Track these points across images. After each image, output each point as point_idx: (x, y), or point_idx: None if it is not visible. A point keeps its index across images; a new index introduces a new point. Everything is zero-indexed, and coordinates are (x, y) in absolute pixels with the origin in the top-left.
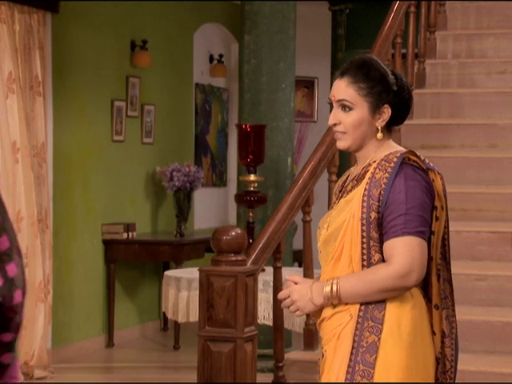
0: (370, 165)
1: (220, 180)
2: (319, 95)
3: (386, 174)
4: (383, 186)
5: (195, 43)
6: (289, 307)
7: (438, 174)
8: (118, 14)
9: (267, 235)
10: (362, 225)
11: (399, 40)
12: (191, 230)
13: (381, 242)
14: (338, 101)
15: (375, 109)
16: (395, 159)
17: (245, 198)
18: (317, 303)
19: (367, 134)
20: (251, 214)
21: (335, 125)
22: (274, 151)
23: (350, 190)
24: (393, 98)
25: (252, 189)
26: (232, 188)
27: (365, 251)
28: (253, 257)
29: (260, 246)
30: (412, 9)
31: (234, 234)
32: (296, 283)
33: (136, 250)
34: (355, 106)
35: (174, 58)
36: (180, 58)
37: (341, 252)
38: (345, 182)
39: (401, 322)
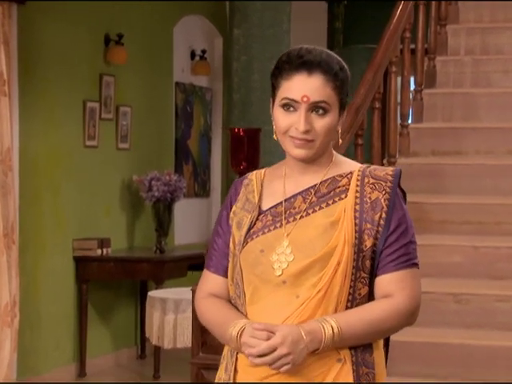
0: (340, 177)
1: (202, 190)
2: None
3: (386, 195)
4: (385, 209)
5: (175, 38)
6: (273, 363)
7: None
8: (91, 4)
9: None
10: (354, 253)
11: (408, 34)
12: (171, 246)
13: (372, 273)
14: (313, 103)
15: (342, 110)
16: (390, 177)
17: None
18: (310, 351)
19: (331, 139)
20: None
21: (307, 131)
22: (267, 158)
23: (314, 207)
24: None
25: None
26: (216, 199)
27: (352, 284)
28: None
29: None
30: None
31: None
32: (272, 332)
33: (111, 268)
34: (331, 109)
35: (153, 54)
36: (159, 54)
37: (328, 286)
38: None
39: (383, 361)
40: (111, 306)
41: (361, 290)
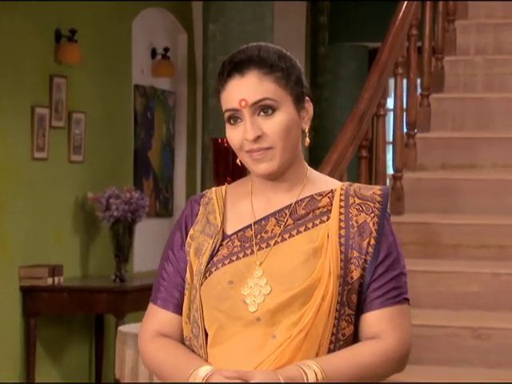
0: (320, 196)
1: (165, 209)
2: None
3: (375, 219)
4: (374, 234)
5: (134, 34)
6: None
7: None
8: None
9: None
10: (339, 285)
11: (414, 31)
12: (130, 274)
13: (358, 310)
14: (254, 104)
15: (299, 103)
16: (378, 197)
17: None
18: None
19: (296, 144)
20: None
21: (259, 138)
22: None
23: (291, 231)
24: (306, 89)
25: None
26: None
27: (335, 322)
28: None
29: None
30: None
31: None
32: (246, 381)
33: (64, 299)
34: (280, 104)
35: (109, 53)
36: (116, 52)
37: (311, 324)
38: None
39: None
40: (63, 343)
41: (345, 330)
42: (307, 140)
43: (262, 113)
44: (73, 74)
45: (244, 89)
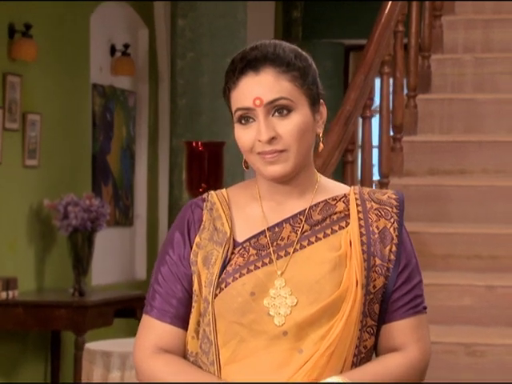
0: (334, 201)
1: (125, 217)
2: None
3: (395, 224)
4: (395, 241)
5: (92, 29)
6: None
7: None
8: None
9: None
10: (363, 295)
11: (401, 28)
12: (89, 287)
13: (379, 319)
14: (269, 103)
15: (314, 106)
16: (394, 202)
17: None
18: None
19: (310, 148)
20: None
21: (273, 139)
22: (228, 179)
23: (309, 238)
24: (321, 91)
25: None
26: (140, 228)
27: (358, 334)
28: None
29: None
30: None
31: None
32: None
33: (19, 315)
34: (296, 105)
35: (66, 49)
36: (73, 48)
37: (340, 338)
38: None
39: None
40: (16, 362)
41: (367, 342)
42: (321, 145)
43: (276, 113)
44: (27, 72)
45: (259, 87)
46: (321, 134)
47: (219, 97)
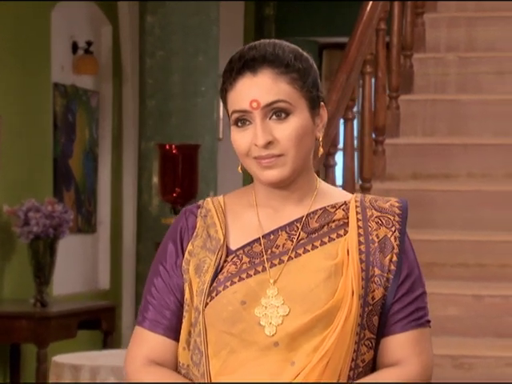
0: (333, 209)
1: (87, 224)
2: None
3: (396, 233)
4: (396, 251)
5: (54, 25)
6: None
7: None
8: None
9: None
10: (360, 306)
11: (383, 26)
12: (50, 297)
13: (378, 333)
14: (267, 106)
15: (314, 109)
16: (397, 210)
17: None
18: None
19: (309, 152)
20: None
21: (270, 143)
22: (202, 185)
23: (305, 246)
24: (322, 93)
25: None
26: (104, 235)
27: (355, 347)
28: None
29: None
30: None
31: None
32: None
33: None
34: (295, 108)
35: (26, 47)
36: (33, 46)
37: (334, 349)
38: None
39: None
40: None
41: (365, 356)
42: (321, 149)
43: (274, 116)
44: None
45: (256, 89)
46: (320, 138)
47: (190, 97)
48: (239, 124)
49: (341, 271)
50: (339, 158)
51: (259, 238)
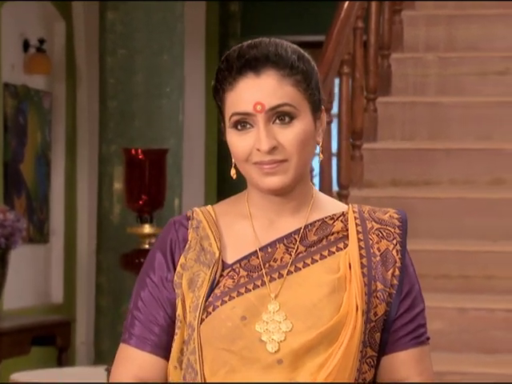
0: (331, 220)
1: (39, 233)
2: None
3: (398, 246)
4: (398, 264)
5: (3, 22)
6: None
7: None
8: None
9: None
10: (363, 322)
11: (360, 24)
12: (1, 312)
13: (380, 350)
14: (272, 109)
15: (316, 112)
16: (397, 221)
17: (136, 262)
18: None
19: (310, 158)
20: None
21: (273, 149)
22: (169, 193)
23: (305, 259)
24: (323, 96)
25: (147, 246)
26: (57, 246)
27: (357, 365)
28: None
29: None
30: None
31: None
32: None
33: None
34: (299, 112)
35: None
36: None
37: (339, 367)
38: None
39: None
40: None
41: (366, 374)
42: (321, 155)
43: (277, 120)
44: None
45: (260, 91)
46: (320, 144)
47: (154, 98)
48: (239, 127)
49: (344, 286)
50: (315, 163)
51: (256, 251)
